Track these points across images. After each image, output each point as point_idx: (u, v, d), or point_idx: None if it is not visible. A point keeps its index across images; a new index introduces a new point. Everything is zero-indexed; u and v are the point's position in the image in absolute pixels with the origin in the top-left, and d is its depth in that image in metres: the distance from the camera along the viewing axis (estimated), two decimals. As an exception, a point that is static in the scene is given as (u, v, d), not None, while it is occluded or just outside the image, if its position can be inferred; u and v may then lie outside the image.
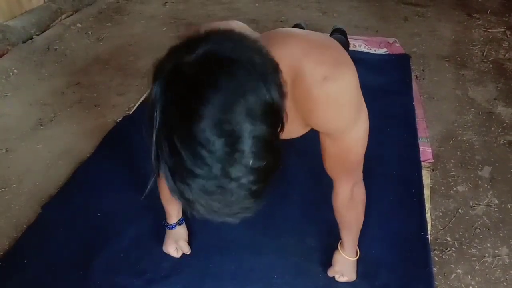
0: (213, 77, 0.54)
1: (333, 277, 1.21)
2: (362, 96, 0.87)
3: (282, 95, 0.59)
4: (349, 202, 1.03)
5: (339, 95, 0.80)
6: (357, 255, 1.18)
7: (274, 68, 0.60)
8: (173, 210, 1.25)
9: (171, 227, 1.26)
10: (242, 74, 0.55)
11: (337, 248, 1.18)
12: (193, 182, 0.55)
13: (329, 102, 0.80)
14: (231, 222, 0.62)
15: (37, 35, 2.62)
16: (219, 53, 0.56)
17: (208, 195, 0.56)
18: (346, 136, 0.88)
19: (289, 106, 0.82)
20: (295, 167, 1.55)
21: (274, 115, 0.58)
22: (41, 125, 1.92)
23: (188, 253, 1.28)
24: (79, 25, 2.84)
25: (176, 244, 1.27)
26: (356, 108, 0.85)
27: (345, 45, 2.18)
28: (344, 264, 1.18)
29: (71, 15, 2.93)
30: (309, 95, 0.79)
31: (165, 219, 1.27)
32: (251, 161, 0.55)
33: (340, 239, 1.18)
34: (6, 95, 2.12)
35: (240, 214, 0.61)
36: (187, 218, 1.30)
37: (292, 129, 0.91)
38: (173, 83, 0.55)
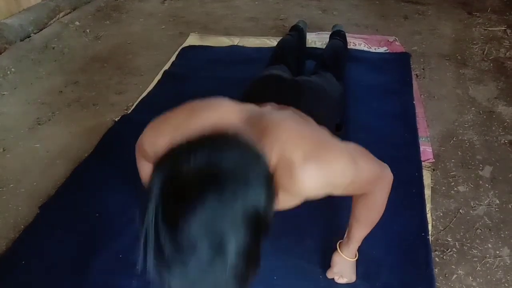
0: (204, 191, 0.56)
1: (333, 278, 1.20)
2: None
3: (272, 205, 0.62)
4: (373, 201, 1.05)
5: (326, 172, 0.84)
6: (355, 256, 1.17)
7: (267, 180, 0.62)
8: None
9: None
10: (233, 192, 0.57)
11: (336, 249, 1.17)
12: (171, 276, 0.58)
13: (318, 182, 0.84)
14: None
15: (35, 33, 2.61)
16: (217, 164, 0.58)
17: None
18: (353, 182, 0.91)
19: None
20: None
21: (258, 229, 0.60)
22: (39, 124, 1.90)
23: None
24: (77, 23, 2.83)
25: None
26: (351, 166, 0.88)
27: (343, 50, 2.11)
28: (343, 265, 1.18)
29: (69, 13, 2.92)
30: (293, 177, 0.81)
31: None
32: (232, 271, 0.57)
33: (338, 240, 1.18)
34: (4, 94, 2.11)
35: None
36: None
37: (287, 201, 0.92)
38: (168, 186, 0.58)
